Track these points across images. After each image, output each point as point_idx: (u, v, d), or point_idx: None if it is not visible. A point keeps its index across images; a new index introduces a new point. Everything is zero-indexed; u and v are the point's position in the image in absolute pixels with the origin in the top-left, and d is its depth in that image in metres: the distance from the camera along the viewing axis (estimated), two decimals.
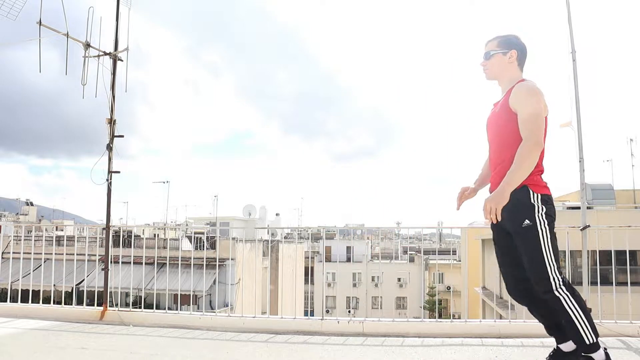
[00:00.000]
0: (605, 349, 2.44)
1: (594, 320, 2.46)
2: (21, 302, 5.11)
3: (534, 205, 2.44)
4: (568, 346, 2.54)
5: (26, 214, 39.87)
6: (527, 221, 2.42)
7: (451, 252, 43.58)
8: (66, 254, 8.51)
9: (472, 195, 2.90)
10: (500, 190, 2.41)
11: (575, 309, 2.39)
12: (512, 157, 2.46)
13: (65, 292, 16.44)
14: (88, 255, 6.03)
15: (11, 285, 5.76)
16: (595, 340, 2.39)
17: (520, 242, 2.50)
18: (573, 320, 2.39)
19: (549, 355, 2.61)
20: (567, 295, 2.40)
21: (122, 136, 5.02)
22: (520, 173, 2.40)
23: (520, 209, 2.45)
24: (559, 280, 2.40)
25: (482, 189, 2.90)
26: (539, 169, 2.51)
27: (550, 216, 2.47)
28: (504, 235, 2.59)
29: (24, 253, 6.27)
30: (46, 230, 11.98)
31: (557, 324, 2.55)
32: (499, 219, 2.42)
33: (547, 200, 2.49)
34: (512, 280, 2.66)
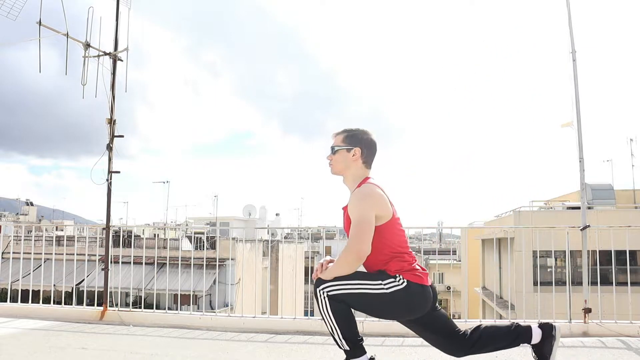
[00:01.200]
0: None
1: (594, 321, 2.46)
2: (21, 302, 5.11)
3: (391, 277, 2.36)
4: (537, 336, 2.48)
5: (26, 214, 39.88)
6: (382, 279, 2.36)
7: (451, 252, 43.53)
8: (66, 254, 8.52)
9: None
10: (328, 271, 2.36)
11: (330, 316, 2.41)
12: (368, 264, 2.40)
13: (65, 292, 16.44)
14: (88, 255, 6.03)
15: (11, 285, 5.76)
16: (350, 347, 2.41)
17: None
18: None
19: (533, 357, 2.59)
20: (325, 299, 2.40)
21: (122, 136, 5.02)
22: (334, 272, 2.34)
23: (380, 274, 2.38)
24: (327, 302, 2.41)
25: None
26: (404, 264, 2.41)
27: (402, 298, 2.36)
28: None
29: (24, 253, 6.27)
30: (46, 230, 11.98)
31: (511, 335, 2.51)
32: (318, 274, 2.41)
33: (413, 286, 2.38)
34: (448, 340, 2.55)
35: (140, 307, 5.23)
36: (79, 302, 13.23)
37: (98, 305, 4.89)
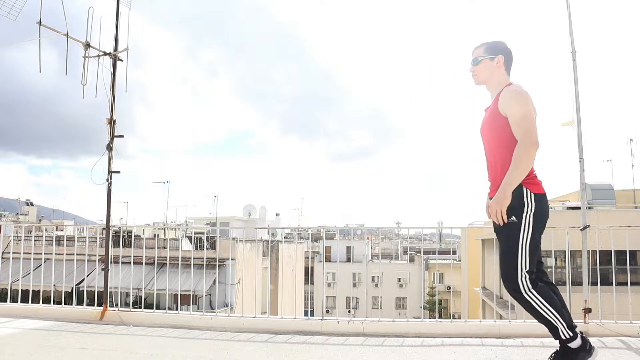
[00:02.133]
0: (581, 333, 2.50)
1: (594, 321, 2.48)
2: (21, 302, 5.11)
3: (524, 203, 2.49)
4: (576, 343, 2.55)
5: (26, 214, 39.88)
6: (513, 218, 2.48)
7: (451, 252, 43.55)
8: (66, 254, 8.51)
9: None
10: (502, 192, 2.47)
11: (546, 307, 2.44)
12: (506, 160, 2.52)
13: (65, 292, 16.44)
14: (88, 255, 6.02)
15: (11, 285, 5.75)
16: (572, 334, 2.45)
17: (502, 237, 2.57)
18: (548, 320, 2.45)
19: (552, 356, 2.61)
20: (535, 297, 2.44)
21: (122, 136, 5.02)
22: (519, 172, 2.45)
23: (513, 205, 2.49)
24: (527, 284, 2.45)
25: None
26: (532, 168, 2.55)
27: (541, 215, 2.51)
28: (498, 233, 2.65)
29: (24, 253, 6.26)
30: (46, 230, 11.99)
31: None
32: (505, 220, 2.47)
33: (540, 198, 2.53)
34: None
35: (140, 307, 5.22)
36: (79, 302, 13.21)
37: (98, 305, 4.88)
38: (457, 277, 35.44)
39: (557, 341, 2.53)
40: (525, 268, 2.45)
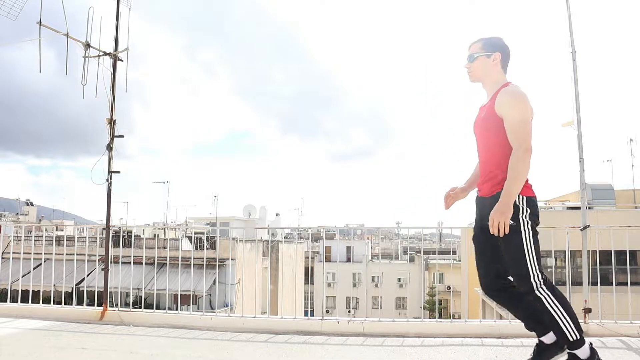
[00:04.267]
0: (590, 343, 2.48)
1: (594, 321, 2.49)
2: (21, 302, 5.11)
3: (518, 207, 2.47)
4: (549, 338, 2.59)
5: (26, 214, 39.87)
6: (510, 221, 2.45)
7: (451, 252, 43.54)
8: (66, 254, 8.51)
9: (462, 196, 2.95)
10: (503, 203, 2.43)
11: (557, 307, 2.43)
12: (499, 161, 2.51)
13: (65, 292, 16.44)
14: (88, 255, 6.02)
15: (11, 285, 5.76)
16: (579, 337, 2.43)
17: (502, 242, 2.54)
18: (555, 319, 2.44)
19: (534, 350, 2.63)
20: (547, 294, 2.44)
21: (122, 136, 5.02)
22: (518, 183, 2.43)
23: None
24: (540, 281, 2.45)
25: (473, 191, 2.93)
26: None
27: (535, 215, 2.51)
28: (487, 232, 2.58)
29: (24, 253, 6.27)
30: (46, 230, 11.98)
31: (536, 318, 2.60)
32: (507, 231, 2.44)
33: (531, 202, 2.52)
34: (491, 275, 2.70)
35: (140, 307, 5.23)
36: (79, 302, 13.22)
37: (98, 305, 4.88)
38: (457, 277, 35.41)
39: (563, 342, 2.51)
40: (536, 267, 2.45)
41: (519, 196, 2.47)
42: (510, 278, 2.62)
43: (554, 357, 2.56)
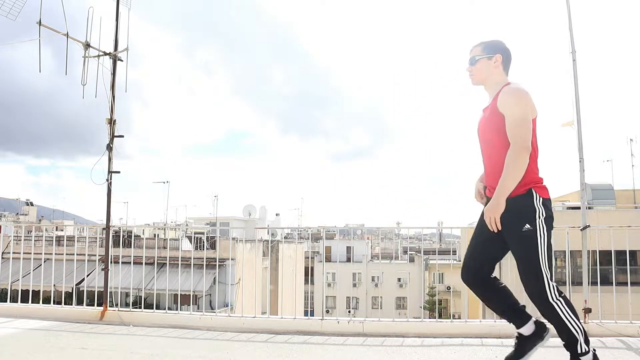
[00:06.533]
0: (594, 349, 2.47)
1: (594, 321, 2.48)
2: (21, 302, 5.11)
3: (535, 209, 2.45)
4: (528, 329, 2.57)
5: (26, 214, 39.87)
6: (527, 226, 2.43)
7: (451, 252, 43.51)
8: (66, 254, 8.50)
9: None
10: (496, 199, 2.44)
11: (570, 316, 2.41)
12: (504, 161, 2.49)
13: (65, 292, 16.44)
14: (88, 255, 6.02)
15: (11, 285, 5.76)
16: (587, 349, 2.41)
17: (516, 247, 2.51)
18: (569, 329, 2.41)
19: (515, 343, 2.62)
20: (560, 301, 2.42)
21: (122, 136, 5.02)
22: (513, 180, 2.42)
23: (524, 212, 2.46)
24: (553, 289, 2.43)
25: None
26: (537, 170, 2.54)
27: (551, 218, 2.50)
28: (497, 232, 2.56)
29: (24, 253, 6.27)
30: (46, 230, 11.98)
31: (512, 308, 2.60)
32: (499, 227, 2.45)
33: (547, 204, 2.51)
34: (477, 269, 2.70)
35: (140, 307, 5.23)
36: (79, 302, 13.21)
37: (98, 305, 4.88)
38: (457, 277, 35.31)
39: (566, 349, 2.48)
40: (549, 274, 2.42)
41: (537, 197, 2.46)
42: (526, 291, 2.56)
43: (534, 347, 2.55)
